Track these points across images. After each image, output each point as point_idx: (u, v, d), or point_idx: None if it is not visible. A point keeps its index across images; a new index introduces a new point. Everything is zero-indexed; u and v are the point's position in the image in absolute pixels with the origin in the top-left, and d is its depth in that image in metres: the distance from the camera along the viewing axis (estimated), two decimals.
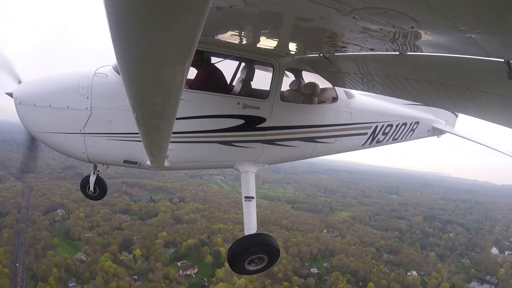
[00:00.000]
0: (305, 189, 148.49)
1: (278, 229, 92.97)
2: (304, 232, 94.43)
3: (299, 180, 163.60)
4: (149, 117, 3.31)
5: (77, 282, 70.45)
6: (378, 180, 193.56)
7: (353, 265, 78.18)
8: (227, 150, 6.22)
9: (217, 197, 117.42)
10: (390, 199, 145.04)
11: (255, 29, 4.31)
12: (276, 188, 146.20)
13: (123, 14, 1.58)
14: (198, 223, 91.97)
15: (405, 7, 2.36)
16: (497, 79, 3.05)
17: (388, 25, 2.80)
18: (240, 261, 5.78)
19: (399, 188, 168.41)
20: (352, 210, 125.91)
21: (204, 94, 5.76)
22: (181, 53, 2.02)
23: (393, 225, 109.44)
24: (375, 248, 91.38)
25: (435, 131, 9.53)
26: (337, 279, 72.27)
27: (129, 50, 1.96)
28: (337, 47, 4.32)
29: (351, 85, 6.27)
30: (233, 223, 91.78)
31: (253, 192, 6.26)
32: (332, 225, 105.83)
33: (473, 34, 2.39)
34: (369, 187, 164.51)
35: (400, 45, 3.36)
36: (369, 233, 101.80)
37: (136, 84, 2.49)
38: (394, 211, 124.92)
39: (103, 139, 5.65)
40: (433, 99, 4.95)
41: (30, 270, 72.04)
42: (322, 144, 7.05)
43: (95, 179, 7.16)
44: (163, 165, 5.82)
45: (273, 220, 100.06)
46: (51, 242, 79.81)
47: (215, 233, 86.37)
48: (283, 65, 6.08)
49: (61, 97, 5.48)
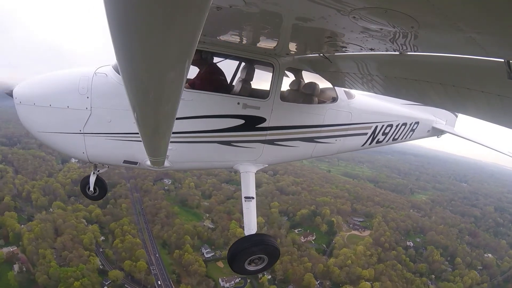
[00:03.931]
0: (379, 169, 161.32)
1: (373, 205, 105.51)
2: (395, 210, 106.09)
3: (371, 160, 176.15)
4: (149, 117, 3.30)
5: (210, 248, 76.24)
6: (445, 166, 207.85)
7: (443, 242, 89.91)
8: (227, 150, 6.21)
9: (305, 171, 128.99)
10: (461, 187, 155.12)
11: (255, 29, 4.30)
12: (353, 166, 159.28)
13: (123, 14, 1.58)
14: (303, 195, 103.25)
15: (405, 7, 2.36)
16: (497, 79, 3.05)
17: (388, 25, 2.80)
18: (240, 261, 5.78)
19: (467, 176, 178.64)
20: (429, 193, 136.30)
21: (204, 94, 5.76)
22: (181, 53, 2.02)
23: (468, 212, 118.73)
24: (458, 229, 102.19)
25: (435, 131, 9.53)
26: (432, 252, 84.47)
27: (129, 50, 1.96)
28: (337, 47, 4.32)
29: (351, 85, 6.27)
30: (333, 197, 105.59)
31: (253, 193, 6.26)
32: (417, 205, 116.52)
33: (473, 34, 2.38)
34: (439, 173, 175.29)
35: (400, 45, 3.36)
36: (448, 216, 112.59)
37: (136, 84, 2.49)
38: (466, 198, 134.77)
39: (103, 139, 5.65)
40: (433, 99, 4.94)
41: (159, 239, 77.28)
42: (322, 144, 7.05)
43: (95, 179, 7.16)
44: (163, 165, 5.82)
45: (365, 197, 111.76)
46: (172, 210, 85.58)
47: (321, 205, 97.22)
48: (283, 65, 6.08)
49: (61, 97, 5.47)
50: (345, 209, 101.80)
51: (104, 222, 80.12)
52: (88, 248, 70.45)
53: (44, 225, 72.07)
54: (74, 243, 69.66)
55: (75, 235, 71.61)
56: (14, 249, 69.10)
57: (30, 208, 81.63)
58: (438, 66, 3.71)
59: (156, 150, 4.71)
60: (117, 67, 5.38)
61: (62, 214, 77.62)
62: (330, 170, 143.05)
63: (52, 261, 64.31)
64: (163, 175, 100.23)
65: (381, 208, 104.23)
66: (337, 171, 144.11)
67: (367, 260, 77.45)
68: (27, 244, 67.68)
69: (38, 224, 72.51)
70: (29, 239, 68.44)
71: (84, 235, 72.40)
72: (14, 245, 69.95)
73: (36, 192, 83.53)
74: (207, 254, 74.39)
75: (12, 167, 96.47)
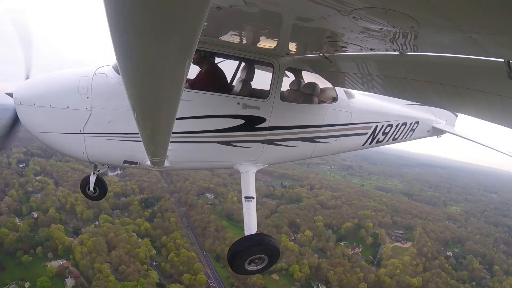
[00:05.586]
0: (410, 183, 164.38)
1: (411, 217, 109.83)
2: (433, 222, 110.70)
3: (400, 173, 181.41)
4: (149, 117, 3.31)
5: None
6: (473, 178, 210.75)
7: (481, 251, 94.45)
8: (227, 150, 6.21)
9: (341, 185, 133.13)
10: (491, 198, 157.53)
11: (255, 29, 4.30)
12: (384, 180, 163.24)
13: (123, 14, 1.58)
14: (344, 209, 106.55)
15: (405, 7, 2.36)
16: (497, 79, 3.05)
17: (388, 25, 2.80)
18: (240, 262, 5.78)
19: (496, 187, 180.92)
20: (461, 205, 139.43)
21: (204, 94, 5.76)
22: (181, 53, 2.02)
23: (501, 222, 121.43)
24: (493, 239, 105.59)
25: (435, 131, 9.53)
26: (472, 261, 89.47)
27: (129, 50, 1.96)
28: (337, 47, 4.32)
29: (351, 85, 6.27)
30: (372, 210, 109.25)
31: (253, 192, 6.26)
32: (452, 217, 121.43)
33: (473, 34, 2.38)
34: (469, 185, 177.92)
35: (400, 45, 3.36)
36: (483, 226, 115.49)
37: (136, 84, 2.49)
38: (497, 209, 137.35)
39: (103, 139, 5.65)
40: (433, 99, 4.94)
41: (212, 252, 78.94)
42: (322, 144, 7.05)
43: (95, 179, 7.16)
44: (163, 165, 5.82)
45: (403, 210, 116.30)
46: (221, 224, 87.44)
47: (363, 219, 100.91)
48: (283, 65, 6.08)
49: (61, 97, 5.47)
50: (386, 222, 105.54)
51: (154, 235, 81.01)
52: (143, 262, 70.76)
53: (96, 239, 72.37)
54: (130, 257, 70.05)
55: (129, 249, 72.17)
56: (64, 262, 68.24)
57: (76, 220, 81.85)
58: (438, 66, 3.71)
59: (156, 150, 4.71)
60: (117, 67, 5.38)
61: (111, 228, 78.12)
62: (363, 184, 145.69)
63: (110, 275, 64.28)
64: (204, 190, 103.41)
65: (420, 220, 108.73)
66: (370, 185, 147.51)
67: (414, 269, 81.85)
68: (80, 258, 67.58)
69: (89, 237, 72.74)
70: (82, 253, 68.43)
71: (139, 249, 73.08)
72: (64, 258, 69.50)
73: (80, 205, 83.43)
74: None
75: (52, 179, 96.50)
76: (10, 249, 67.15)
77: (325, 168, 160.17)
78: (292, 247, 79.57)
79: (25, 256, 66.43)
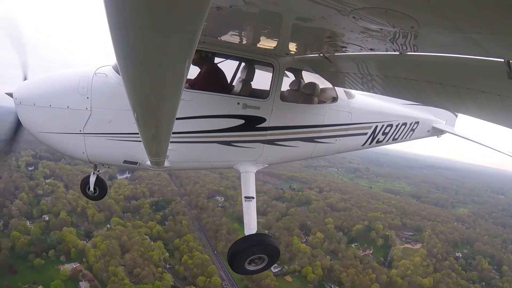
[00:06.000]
0: (418, 185, 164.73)
1: (420, 219, 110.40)
2: (442, 223, 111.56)
3: (407, 176, 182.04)
4: (149, 117, 3.31)
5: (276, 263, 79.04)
6: (480, 179, 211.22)
7: (490, 251, 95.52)
8: (227, 150, 6.21)
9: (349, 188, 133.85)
10: (499, 199, 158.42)
11: (255, 29, 4.30)
12: (391, 182, 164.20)
13: (123, 14, 1.58)
14: (353, 211, 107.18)
15: (405, 7, 2.36)
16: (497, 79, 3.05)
17: (388, 25, 2.80)
18: (240, 261, 5.78)
19: (503, 189, 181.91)
20: (469, 207, 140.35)
21: (204, 94, 5.76)
22: (181, 53, 2.02)
23: (509, 223, 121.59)
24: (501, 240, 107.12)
25: (435, 131, 9.53)
26: (481, 261, 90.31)
27: (129, 50, 1.96)
28: (337, 47, 4.32)
29: (351, 85, 6.27)
30: (382, 212, 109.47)
31: (253, 192, 6.26)
32: (460, 218, 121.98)
33: (473, 34, 2.38)
34: (476, 186, 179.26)
35: (400, 45, 3.36)
36: (491, 227, 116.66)
37: (136, 84, 2.49)
38: (505, 210, 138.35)
39: (103, 139, 5.65)
40: (433, 99, 4.95)
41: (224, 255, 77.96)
42: (322, 144, 7.05)
43: (95, 179, 7.15)
44: (163, 165, 5.82)
45: (412, 212, 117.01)
46: (232, 227, 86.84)
47: (373, 221, 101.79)
48: (283, 65, 6.08)
49: (61, 97, 5.47)
50: (396, 224, 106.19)
51: (167, 238, 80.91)
52: (157, 264, 70.40)
53: (109, 242, 72.03)
54: (144, 259, 69.78)
55: (143, 252, 71.83)
56: (77, 266, 67.60)
57: (87, 224, 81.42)
58: (437, 66, 3.71)
59: (156, 150, 4.71)
60: (117, 67, 5.38)
61: (124, 231, 77.86)
62: (371, 186, 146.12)
63: (125, 278, 63.94)
64: (214, 193, 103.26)
65: (429, 222, 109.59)
66: (378, 187, 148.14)
67: (425, 270, 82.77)
68: (94, 261, 67.14)
69: (102, 240, 72.46)
70: (95, 256, 68.01)
71: (152, 252, 72.79)
72: (77, 262, 68.86)
73: (91, 208, 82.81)
74: (274, 269, 74.54)
75: (62, 182, 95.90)
76: (22, 252, 66.77)
77: (332, 171, 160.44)
78: (304, 249, 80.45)
79: (37, 260, 65.83)
